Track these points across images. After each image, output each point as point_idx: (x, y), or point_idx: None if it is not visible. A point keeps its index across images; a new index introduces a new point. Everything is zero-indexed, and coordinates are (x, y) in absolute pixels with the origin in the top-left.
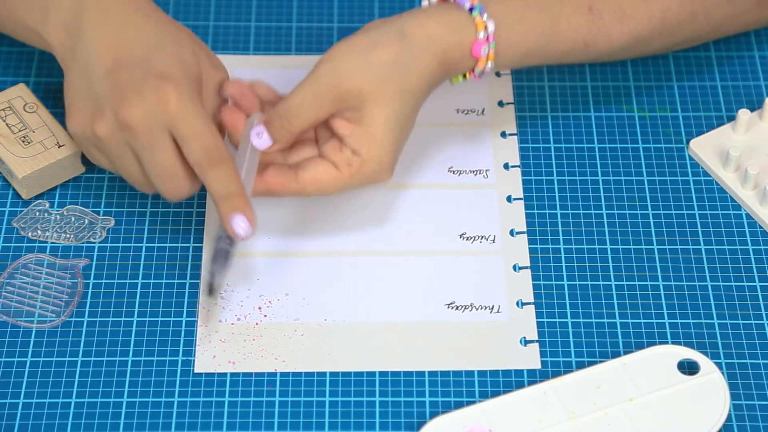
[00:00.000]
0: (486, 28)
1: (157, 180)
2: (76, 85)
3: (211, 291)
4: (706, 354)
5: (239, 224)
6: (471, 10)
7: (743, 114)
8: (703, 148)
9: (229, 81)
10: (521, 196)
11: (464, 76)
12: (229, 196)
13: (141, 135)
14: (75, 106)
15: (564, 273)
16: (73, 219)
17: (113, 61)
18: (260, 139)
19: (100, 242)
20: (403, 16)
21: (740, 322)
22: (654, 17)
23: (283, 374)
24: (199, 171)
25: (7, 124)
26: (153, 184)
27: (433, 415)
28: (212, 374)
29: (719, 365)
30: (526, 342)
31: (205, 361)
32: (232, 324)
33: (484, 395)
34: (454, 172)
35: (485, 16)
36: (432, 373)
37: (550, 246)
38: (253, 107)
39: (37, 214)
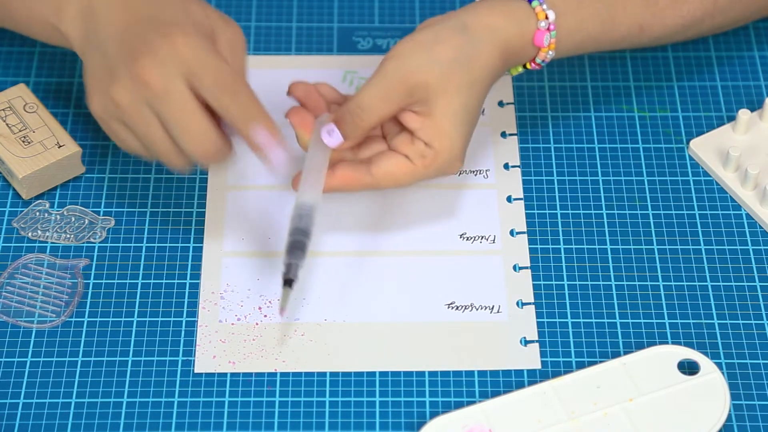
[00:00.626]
0: (547, 17)
1: (183, 137)
2: (94, 65)
3: (288, 282)
4: (706, 354)
5: (277, 155)
6: (530, 0)
7: (743, 114)
8: (703, 148)
9: (294, 83)
10: (521, 196)
11: (524, 66)
12: (247, 113)
13: (157, 87)
14: (92, 85)
15: (564, 273)
16: (73, 219)
17: (123, 28)
18: (331, 137)
19: (100, 242)
20: (463, 10)
21: (740, 322)
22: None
23: (283, 374)
24: (216, 102)
25: (7, 124)
26: (182, 150)
27: (433, 415)
28: (212, 374)
29: (719, 365)
30: (526, 342)
31: (205, 361)
32: (232, 324)
33: (484, 395)
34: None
35: (545, 5)
36: (432, 373)
37: (550, 246)
38: (320, 107)
39: (37, 214)
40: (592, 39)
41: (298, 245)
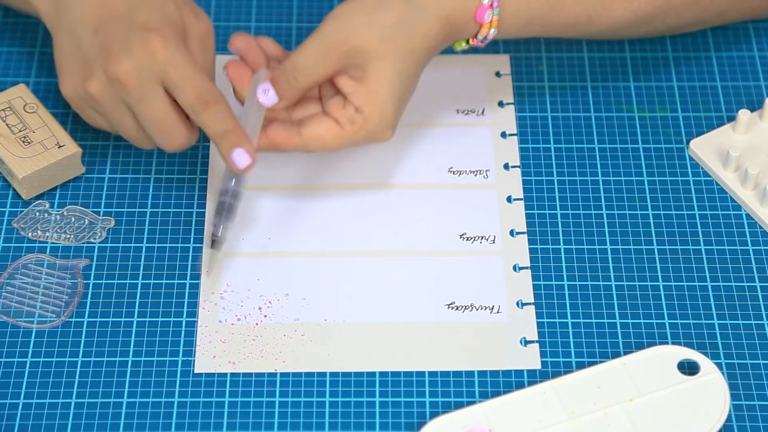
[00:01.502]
0: None
1: (154, 132)
2: (65, 48)
3: (214, 243)
4: (706, 354)
5: (239, 157)
6: None
7: (743, 114)
8: (703, 148)
9: (235, 35)
10: (521, 196)
11: (467, 42)
12: (226, 133)
13: (132, 88)
14: (65, 69)
15: (564, 273)
16: (73, 219)
17: (97, 20)
18: (266, 96)
19: (100, 242)
20: None
21: (740, 322)
22: None
23: (283, 374)
24: (194, 115)
25: (7, 124)
26: (151, 138)
27: (433, 415)
28: (212, 374)
29: (719, 365)
30: (526, 342)
31: (205, 361)
32: (232, 324)
33: (484, 395)
34: (454, 172)
35: None
36: (432, 373)
37: (550, 246)
38: (259, 62)
39: (37, 214)
40: (537, 22)
41: (225, 206)
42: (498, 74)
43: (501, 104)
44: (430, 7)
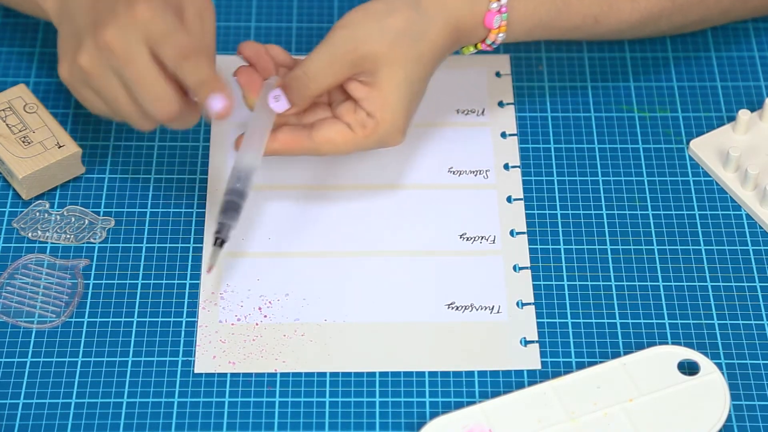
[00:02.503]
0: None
1: (145, 99)
2: (65, 36)
3: (218, 242)
4: (706, 354)
5: (216, 101)
6: None
7: (743, 114)
8: (703, 148)
9: (244, 43)
10: (521, 196)
11: (475, 46)
12: (204, 81)
13: (119, 52)
14: (62, 52)
15: (564, 273)
16: (73, 219)
17: (95, 3)
18: (278, 102)
19: (100, 242)
20: None
21: (740, 322)
22: None
23: (283, 374)
24: (176, 69)
25: (7, 125)
26: (146, 112)
27: (433, 415)
28: (212, 374)
29: (719, 365)
30: (526, 342)
31: (205, 361)
32: (232, 324)
33: (484, 395)
34: (454, 172)
35: None
36: (432, 373)
37: (550, 246)
38: (268, 69)
39: (37, 214)
40: (544, 26)
41: (232, 206)
42: (498, 74)
43: (501, 104)
44: (439, 13)
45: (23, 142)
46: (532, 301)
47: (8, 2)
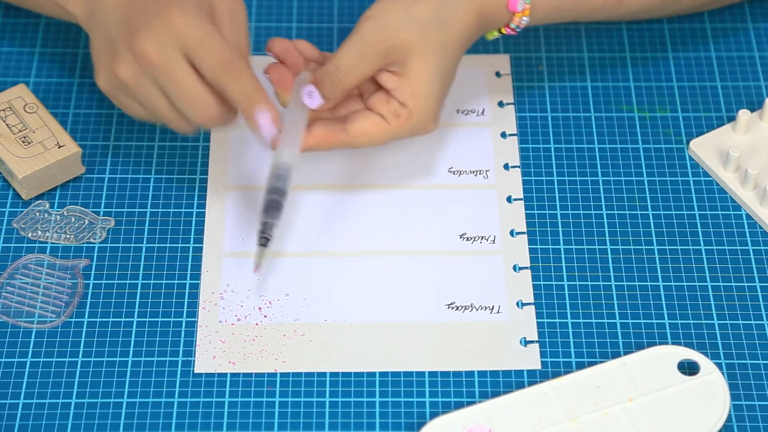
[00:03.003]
0: None
1: (183, 106)
2: (98, 44)
3: (263, 241)
4: (706, 354)
5: (264, 121)
6: None
7: (743, 114)
8: (703, 148)
9: (272, 39)
10: (521, 196)
11: (499, 30)
12: (245, 93)
13: (155, 61)
14: (98, 62)
15: (564, 273)
16: (73, 219)
17: (124, 8)
18: (312, 98)
19: (100, 242)
20: None
21: (740, 322)
22: None
23: (283, 374)
24: (216, 81)
25: (7, 125)
26: (186, 117)
27: (433, 415)
28: (212, 374)
29: (719, 365)
30: (526, 342)
31: (205, 361)
32: (232, 324)
33: (484, 395)
34: (454, 172)
35: None
36: (432, 373)
37: (550, 246)
38: (298, 64)
39: (37, 214)
40: (568, 7)
41: (274, 204)
42: (498, 74)
43: (501, 104)
44: None
45: (23, 142)
46: (532, 301)
47: (24, 3)
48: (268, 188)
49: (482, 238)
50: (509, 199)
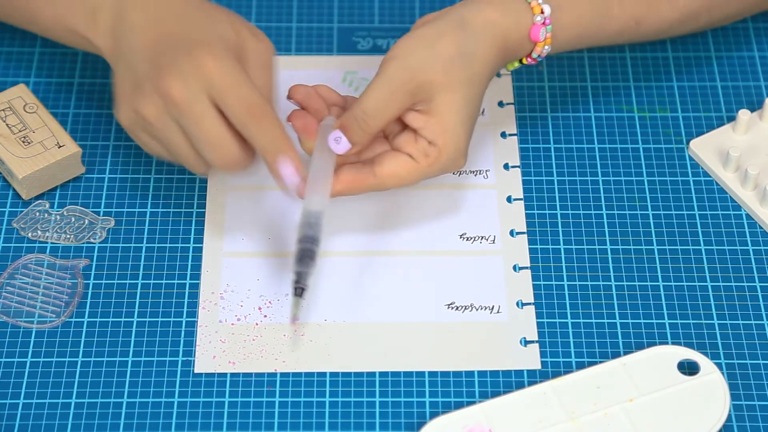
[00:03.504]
0: (542, 11)
1: (206, 150)
2: (123, 78)
3: (299, 291)
4: (706, 354)
5: (287, 171)
6: None
7: (743, 114)
8: (703, 148)
9: (294, 86)
10: (521, 196)
11: (520, 61)
12: (274, 143)
13: (182, 103)
14: (120, 96)
15: (564, 273)
16: (73, 219)
17: (152, 44)
18: (339, 144)
19: (100, 242)
20: (460, 5)
21: (740, 322)
22: None
23: (283, 374)
24: (242, 128)
25: (7, 124)
26: (205, 159)
27: (433, 415)
28: (212, 374)
29: (719, 365)
30: (526, 342)
31: (205, 361)
32: (232, 324)
33: (484, 395)
34: (454, 172)
35: (540, 0)
36: (432, 373)
37: (550, 246)
38: (320, 109)
39: (37, 214)
40: (588, 34)
41: (307, 253)
42: (498, 74)
43: (501, 104)
44: (486, 31)
45: (23, 142)
46: (532, 301)
47: (46, 33)
48: (300, 237)
49: (482, 238)
50: (509, 199)
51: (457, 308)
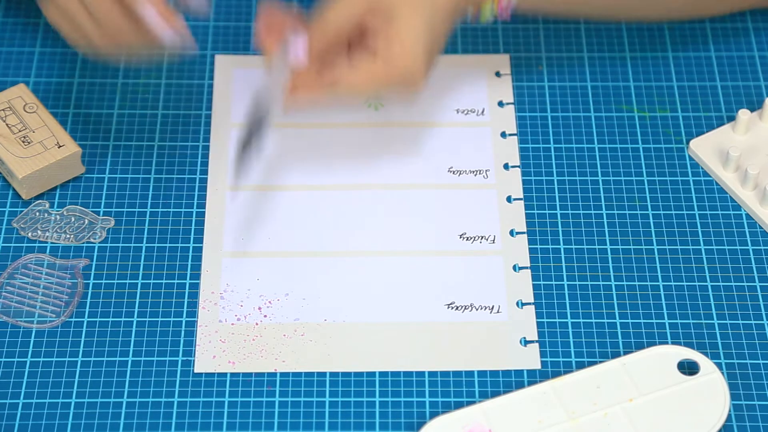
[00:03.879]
0: None
1: (97, 18)
2: None
3: (244, 148)
4: (706, 354)
5: (147, 11)
6: None
7: (743, 114)
8: (703, 148)
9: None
10: (521, 196)
11: (492, 11)
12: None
13: None
14: None
15: (564, 273)
16: (73, 219)
17: None
18: (296, 57)
19: (100, 242)
20: None
21: (740, 322)
22: None
23: (283, 374)
24: None
25: (7, 124)
26: (100, 32)
27: (433, 415)
28: (212, 374)
29: (719, 365)
30: (526, 342)
31: (205, 361)
32: (232, 324)
33: (484, 395)
34: (454, 172)
35: None
36: (432, 373)
37: (550, 246)
38: (286, 27)
39: (37, 214)
40: None
41: (257, 122)
42: (498, 74)
43: (501, 104)
44: None
45: (23, 142)
46: (532, 300)
47: None
48: (254, 102)
49: (482, 238)
50: (509, 199)
51: (457, 308)
